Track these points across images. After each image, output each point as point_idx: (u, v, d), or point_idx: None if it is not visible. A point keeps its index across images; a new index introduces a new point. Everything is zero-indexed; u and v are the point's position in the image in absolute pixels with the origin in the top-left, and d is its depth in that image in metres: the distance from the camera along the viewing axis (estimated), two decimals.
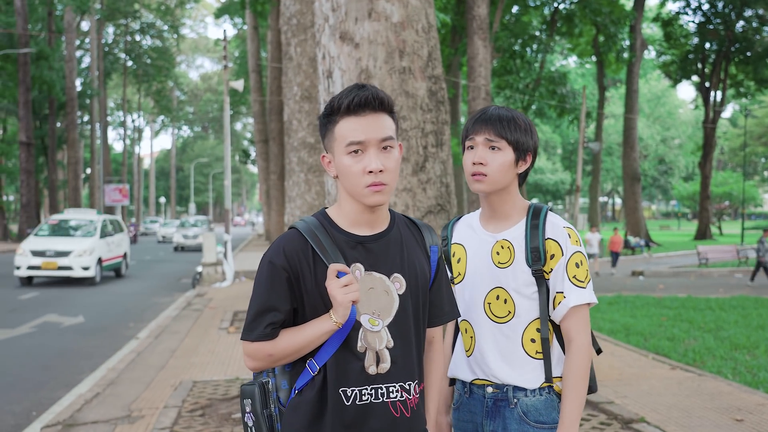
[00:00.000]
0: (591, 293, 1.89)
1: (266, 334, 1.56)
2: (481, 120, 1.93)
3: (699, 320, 9.45)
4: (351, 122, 1.58)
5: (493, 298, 1.92)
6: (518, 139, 1.90)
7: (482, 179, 1.90)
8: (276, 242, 1.63)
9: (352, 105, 1.57)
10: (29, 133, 34.02)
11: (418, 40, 4.45)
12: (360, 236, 1.64)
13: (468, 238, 2.01)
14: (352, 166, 1.57)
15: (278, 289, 1.58)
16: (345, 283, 1.51)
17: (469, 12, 18.65)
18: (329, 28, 4.46)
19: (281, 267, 1.58)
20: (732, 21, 32.81)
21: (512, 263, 1.90)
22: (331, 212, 1.68)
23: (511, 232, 1.93)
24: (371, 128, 1.58)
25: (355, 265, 1.61)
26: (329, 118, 1.62)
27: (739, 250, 21.04)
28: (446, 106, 4.61)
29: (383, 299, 1.62)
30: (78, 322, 9.89)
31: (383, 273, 1.63)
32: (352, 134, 1.57)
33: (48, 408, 5.33)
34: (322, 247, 1.59)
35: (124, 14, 54.51)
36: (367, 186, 1.56)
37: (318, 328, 1.56)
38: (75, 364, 7.07)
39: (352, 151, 1.57)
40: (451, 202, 4.49)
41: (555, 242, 1.88)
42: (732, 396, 5.17)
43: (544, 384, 1.88)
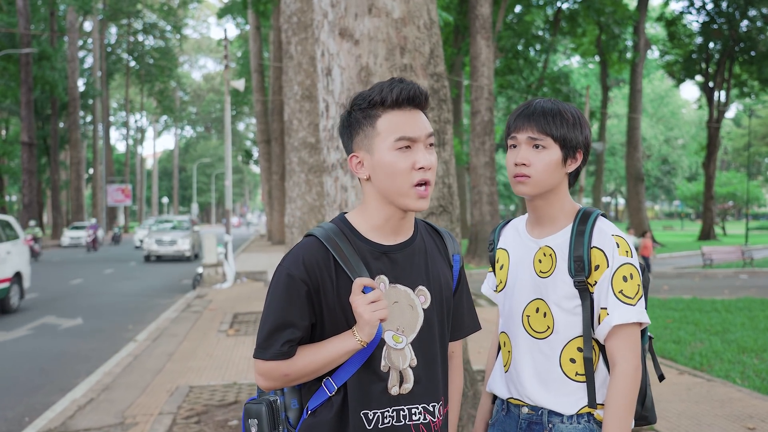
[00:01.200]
0: (641, 311, 1.67)
1: (283, 352, 1.44)
2: (523, 115, 1.75)
3: (705, 322, 9.31)
4: (397, 116, 1.46)
5: (533, 311, 1.76)
6: (566, 135, 1.71)
7: (525, 181, 1.72)
8: (293, 251, 1.49)
9: (401, 98, 1.46)
10: (31, 133, 33.99)
11: (420, 37, 4.33)
12: (384, 246, 1.52)
13: (513, 244, 1.86)
14: (399, 162, 1.44)
15: (297, 303, 1.45)
16: (372, 300, 1.39)
17: (472, 11, 18.53)
18: (328, 24, 4.34)
19: (300, 279, 1.44)
20: (736, 20, 32.62)
21: (553, 272, 1.73)
22: (352, 218, 1.55)
23: (555, 239, 1.76)
24: (419, 124, 1.47)
25: (380, 278, 1.50)
26: (367, 112, 1.48)
27: (744, 251, 20.84)
28: (448, 105, 4.49)
29: (408, 314, 1.51)
30: (76, 324, 9.79)
31: (408, 286, 1.52)
32: (402, 128, 1.45)
33: (41, 413, 5.22)
34: (344, 258, 1.46)
35: (127, 14, 54.53)
36: (414, 185, 1.45)
37: (340, 346, 1.44)
38: (71, 368, 6.96)
39: (403, 147, 1.45)
40: (453, 203, 4.36)
41: (601, 251, 1.69)
42: (743, 402, 5.04)
43: (583, 410, 1.69)
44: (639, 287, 1.69)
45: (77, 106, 41.46)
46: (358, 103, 1.49)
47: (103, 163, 49.54)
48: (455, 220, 4.33)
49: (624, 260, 1.68)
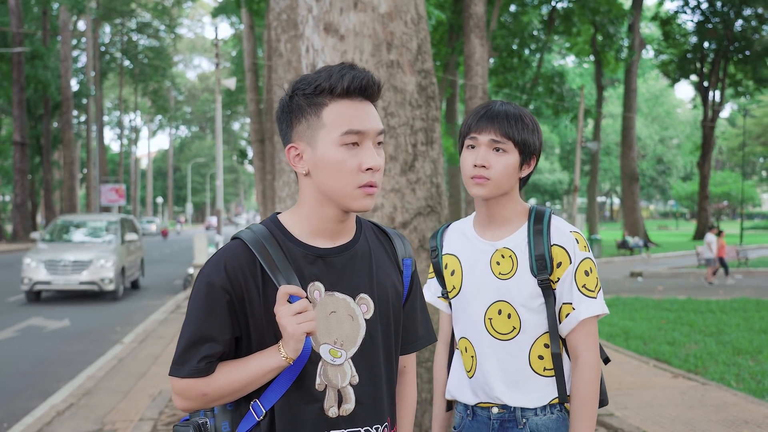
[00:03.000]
0: (602, 303, 1.73)
1: (200, 369, 1.28)
2: (486, 117, 1.73)
3: (700, 323, 9.24)
4: (347, 107, 1.30)
5: (495, 313, 1.75)
6: (526, 139, 1.72)
7: (484, 183, 1.72)
8: (216, 256, 1.34)
9: (352, 86, 1.30)
10: (23, 132, 33.79)
11: (407, 32, 4.21)
12: (320, 249, 1.36)
13: (462, 248, 1.83)
14: (347, 160, 1.29)
15: (217, 314, 1.29)
16: (298, 311, 1.24)
17: (466, 10, 18.42)
18: (313, 19, 4.21)
19: (221, 288, 1.29)
20: (731, 20, 32.62)
21: (515, 273, 1.73)
22: (285, 218, 1.40)
23: (512, 239, 1.76)
24: (370, 118, 1.32)
25: (314, 285, 1.34)
26: (312, 99, 1.31)
27: (739, 251, 20.79)
28: (437, 102, 4.37)
29: (347, 326, 1.36)
30: (63, 326, 9.64)
31: (347, 293, 1.37)
32: (351, 121, 1.29)
33: (21, 419, 5.08)
34: (272, 263, 1.30)
35: (121, 14, 54.32)
36: (360, 186, 1.30)
37: (264, 363, 1.28)
38: (54, 372, 6.82)
39: (350, 143, 1.29)
40: (441, 204, 4.25)
41: (561, 248, 1.71)
42: (738, 407, 4.94)
43: (554, 400, 1.73)
44: (597, 280, 1.73)
45: (70, 106, 41.20)
46: (302, 87, 1.33)
47: (96, 163, 49.31)
48: (444, 220, 4.21)
49: (584, 255, 1.72)
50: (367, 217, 3.94)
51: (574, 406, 1.68)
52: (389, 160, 4.07)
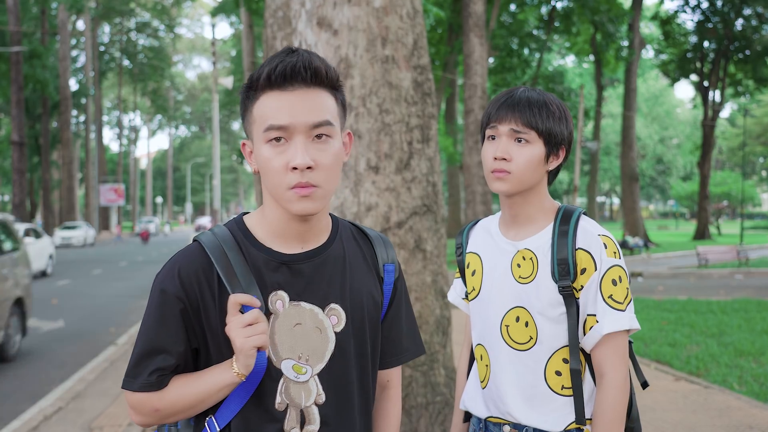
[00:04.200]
0: (631, 317, 1.54)
1: (150, 383, 1.19)
2: (507, 105, 1.58)
3: (701, 324, 9.15)
4: (274, 99, 1.18)
5: (512, 320, 1.60)
6: (551, 129, 1.56)
7: (505, 177, 1.56)
8: (171, 260, 1.24)
9: (274, 76, 1.17)
10: (21, 132, 33.67)
11: (403, 27, 4.10)
12: (285, 254, 1.24)
13: (485, 247, 1.69)
14: (272, 159, 1.17)
15: (170, 324, 1.19)
16: (248, 322, 1.13)
17: (466, 9, 18.33)
18: (306, 13, 4.11)
19: (174, 296, 1.19)
20: (731, 19, 32.55)
21: (535, 278, 1.56)
22: (251, 220, 1.29)
23: (535, 240, 1.60)
24: (299, 109, 1.17)
25: (276, 294, 1.22)
26: (249, 93, 1.21)
27: (740, 251, 20.71)
28: (433, 99, 4.26)
29: (314, 339, 1.24)
30: (57, 327, 9.54)
31: (315, 303, 1.25)
32: (272, 115, 1.17)
33: (9, 422, 4.98)
34: (229, 270, 1.19)
35: (120, 13, 54.30)
36: (290, 188, 1.17)
37: (216, 379, 1.18)
38: (46, 374, 6.71)
39: (273, 139, 1.17)
40: (438, 203, 4.14)
41: (587, 253, 1.53)
42: (742, 412, 4.83)
43: (571, 426, 1.56)
44: (628, 290, 1.54)
45: (69, 105, 41.18)
46: (246, 80, 1.24)
47: (95, 162, 49.24)
48: (440, 220, 4.11)
49: (613, 262, 1.54)
50: (361, 218, 3.83)
51: (596, 428, 1.51)
52: (384, 158, 3.96)
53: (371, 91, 3.96)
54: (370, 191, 3.92)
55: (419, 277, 3.76)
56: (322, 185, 1.18)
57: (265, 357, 1.19)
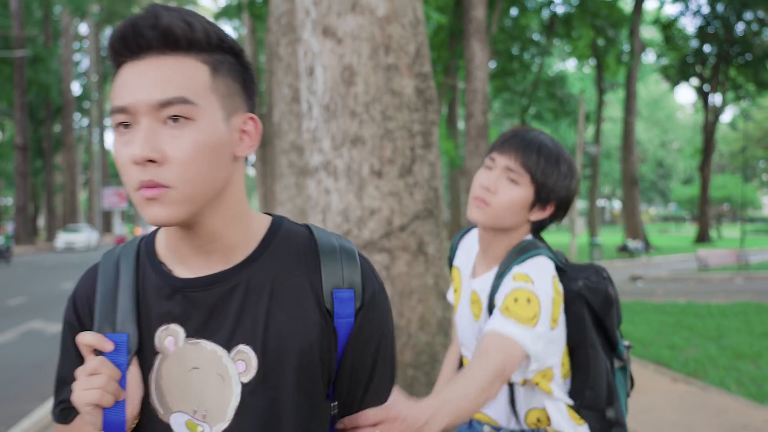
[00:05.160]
0: (525, 334, 1.41)
1: (57, 415, 1.04)
2: (513, 141, 1.54)
3: (700, 327, 9.21)
4: (121, 73, 0.91)
5: None
6: (548, 181, 1.51)
7: (483, 208, 1.53)
8: (76, 283, 1.05)
9: (114, 43, 0.90)
10: (25, 136, 33.90)
11: (405, 36, 4.21)
12: (182, 279, 0.96)
13: (465, 265, 1.71)
14: (119, 150, 0.90)
15: (70, 354, 1.01)
16: (89, 372, 0.89)
17: (467, 14, 18.46)
18: (311, 22, 4.23)
19: (68, 322, 1.02)
20: (731, 24, 32.69)
21: (481, 318, 1.60)
22: (162, 233, 1.02)
23: (483, 280, 1.60)
24: (141, 82, 0.88)
25: (167, 329, 0.96)
26: (113, 67, 0.94)
27: (740, 254, 20.78)
28: (435, 106, 4.37)
29: (212, 389, 0.95)
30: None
31: (219, 343, 0.95)
32: (116, 94, 0.90)
33: (18, 422, 5.09)
34: (107, 297, 0.97)
35: (122, 17, 54.51)
36: (137, 188, 0.88)
37: (82, 428, 0.99)
38: (52, 375, 6.81)
39: (119, 125, 0.89)
40: (439, 207, 4.24)
41: (517, 274, 1.52)
42: (738, 412, 4.93)
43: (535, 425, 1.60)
44: (536, 316, 1.43)
45: (71, 109, 41.37)
46: None
47: (98, 166, 49.43)
48: (441, 223, 4.21)
49: (518, 285, 1.46)
50: (365, 221, 3.93)
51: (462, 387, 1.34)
52: (387, 164, 4.07)
53: (374, 98, 4.07)
54: (373, 195, 4.03)
55: (421, 279, 3.86)
56: (175, 185, 0.87)
57: (122, 413, 0.91)
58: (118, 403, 0.91)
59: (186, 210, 0.89)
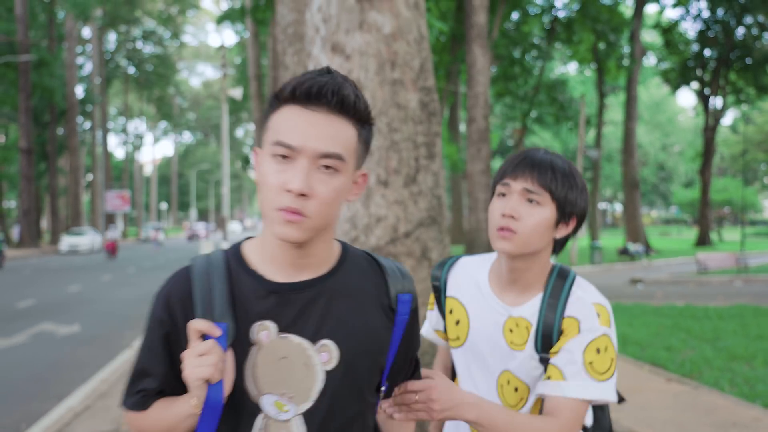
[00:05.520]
0: (605, 389, 1.46)
1: (134, 403, 1.21)
2: (525, 163, 1.51)
3: (697, 329, 9.35)
4: (293, 114, 1.11)
5: (504, 382, 1.60)
6: (567, 195, 1.50)
7: (510, 237, 1.49)
8: (163, 285, 1.24)
9: (299, 91, 1.11)
10: (29, 139, 34.13)
11: (410, 52, 4.43)
12: (275, 283, 1.17)
13: (472, 299, 1.64)
14: (271, 175, 1.11)
15: (155, 348, 1.19)
16: (200, 352, 1.07)
17: (468, 20, 18.68)
18: (320, 39, 4.44)
19: (159, 320, 1.19)
20: (731, 28, 32.88)
21: (527, 346, 1.54)
22: (249, 245, 1.24)
23: (529, 307, 1.56)
24: (313, 132, 1.10)
25: (262, 324, 1.16)
26: (272, 102, 1.16)
27: (739, 258, 20.93)
28: (438, 118, 4.58)
29: (299, 375, 1.16)
30: (73, 332, 9.86)
31: (306, 337, 1.16)
32: (285, 132, 1.10)
33: (37, 421, 5.30)
34: (206, 297, 1.16)
35: (126, 21, 54.79)
36: (279, 209, 1.10)
37: (179, 408, 1.15)
38: (67, 375, 7.03)
39: (279, 155, 1.11)
40: (442, 214, 4.46)
41: (575, 320, 1.49)
42: (728, 410, 5.12)
43: None
44: (612, 362, 1.48)
45: (75, 113, 41.62)
46: None
47: (101, 169, 49.65)
48: (444, 230, 4.43)
49: (603, 330, 1.48)
50: (372, 229, 4.15)
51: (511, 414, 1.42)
52: (392, 173, 4.29)
53: (381, 111, 4.28)
54: (379, 204, 4.24)
55: (425, 284, 4.06)
56: (312, 216, 1.10)
57: (221, 391, 1.10)
58: (219, 382, 1.10)
59: (310, 234, 1.13)
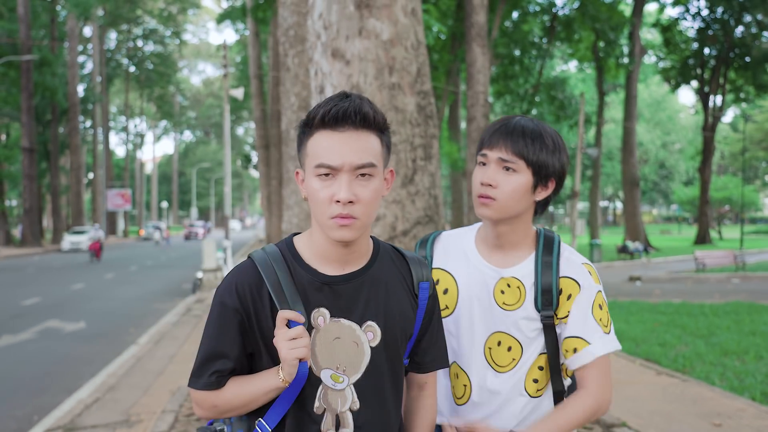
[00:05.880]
0: (615, 339, 1.62)
1: (211, 383, 1.38)
2: (499, 132, 1.61)
3: (692, 326, 9.47)
4: (326, 138, 1.34)
5: (494, 344, 1.66)
6: (541, 160, 1.58)
7: (490, 203, 1.60)
8: (228, 276, 1.43)
9: (328, 117, 1.33)
10: (32, 138, 34.30)
11: (407, 57, 4.61)
12: (327, 276, 1.41)
13: (459, 267, 1.71)
14: (320, 191, 1.34)
15: (229, 333, 1.38)
16: (293, 336, 1.31)
17: (468, 19, 18.81)
18: (321, 45, 4.62)
19: (232, 308, 1.38)
20: (731, 27, 33.00)
21: (522, 305, 1.63)
22: (299, 241, 1.46)
23: (521, 269, 1.65)
24: (347, 150, 1.33)
25: (319, 311, 1.39)
26: (304, 129, 1.39)
27: (737, 255, 21.10)
28: (434, 120, 4.76)
29: (351, 352, 1.40)
30: (79, 328, 10.05)
31: (354, 320, 1.41)
32: (324, 154, 1.33)
33: (49, 413, 5.49)
34: (278, 288, 1.37)
35: (127, 20, 54.93)
36: (332, 217, 1.33)
37: (264, 383, 1.37)
38: (76, 370, 7.22)
39: (322, 174, 1.34)
40: (439, 213, 4.64)
41: (572, 281, 1.61)
42: (714, 401, 5.30)
43: None
44: (608, 314, 1.64)
45: (77, 112, 41.78)
46: (303, 118, 1.41)
47: (102, 167, 49.82)
48: (441, 228, 4.60)
49: (598, 288, 1.62)
50: (371, 227, 4.34)
51: (562, 413, 1.56)
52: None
53: None
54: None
55: None
56: (360, 217, 1.34)
57: (306, 367, 1.35)
58: None
59: (361, 233, 1.37)
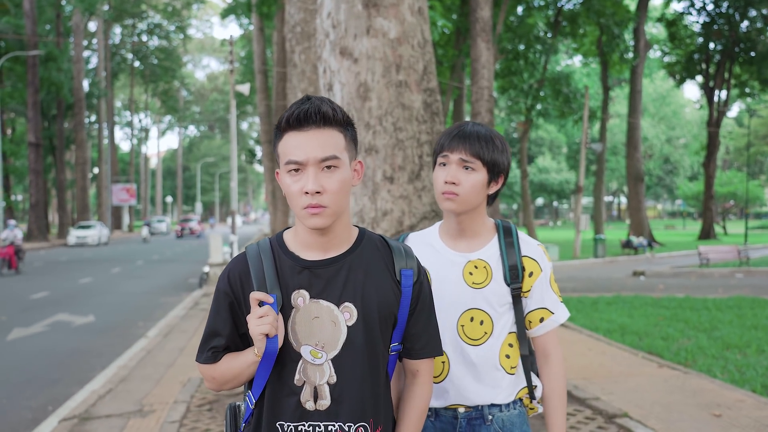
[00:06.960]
0: (565, 308, 1.99)
1: (208, 357, 1.58)
2: (458, 137, 1.89)
3: (695, 320, 9.54)
4: (293, 138, 1.50)
5: (467, 321, 1.90)
6: (494, 159, 1.88)
7: (454, 198, 1.87)
8: (227, 265, 1.63)
9: (292, 120, 1.50)
10: (38, 133, 34.45)
11: (414, 55, 4.70)
12: (307, 261, 1.56)
13: (428, 258, 1.94)
14: (291, 185, 1.50)
15: (222, 314, 1.57)
16: (259, 315, 1.46)
17: (473, 14, 18.86)
18: (330, 43, 4.71)
19: (224, 292, 1.58)
20: (736, 21, 32.93)
21: (490, 282, 1.89)
22: (288, 233, 1.63)
23: (486, 251, 1.92)
24: (311, 146, 1.48)
25: (298, 293, 1.54)
26: (276, 133, 1.55)
27: (741, 251, 21.13)
28: (440, 117, 4.85)
29: (329, 330, 1.53)
30: (89, 321, 10.19)
31: (331, 301, 1.54)
32: (291, 152, 1.50)
33: (63, 403, 5.62)
34: (260, 274, 1.54)
35: (131, 15, 55.04)
36: (304, 207, 1.49)
37: (245, 358, 1.54)
38: (87, 362, 7.35)
39: (292, 170, 1.50)
40: None
41: (532, 260, 1.91)
42: (714, 393, 5.39)
43: (518, 395, 1.93)
44: None
45: (82, 107, 41.90)
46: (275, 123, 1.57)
47: (108, 162, 50.00)
48: None
49: (551, 265, 1.96)
50: (378, 222, 4.43)
51: (554, 397, 1.90)
52: (398, 170, 4.57)
53: (387, 111, 4.56)
54: (385, 199, 4.53)
55: None
56: (329, 205, 1.48)
57: (276, 342, 1.49)
58: (274, 337, 1.49)
59: (332, 219, 1.51)
